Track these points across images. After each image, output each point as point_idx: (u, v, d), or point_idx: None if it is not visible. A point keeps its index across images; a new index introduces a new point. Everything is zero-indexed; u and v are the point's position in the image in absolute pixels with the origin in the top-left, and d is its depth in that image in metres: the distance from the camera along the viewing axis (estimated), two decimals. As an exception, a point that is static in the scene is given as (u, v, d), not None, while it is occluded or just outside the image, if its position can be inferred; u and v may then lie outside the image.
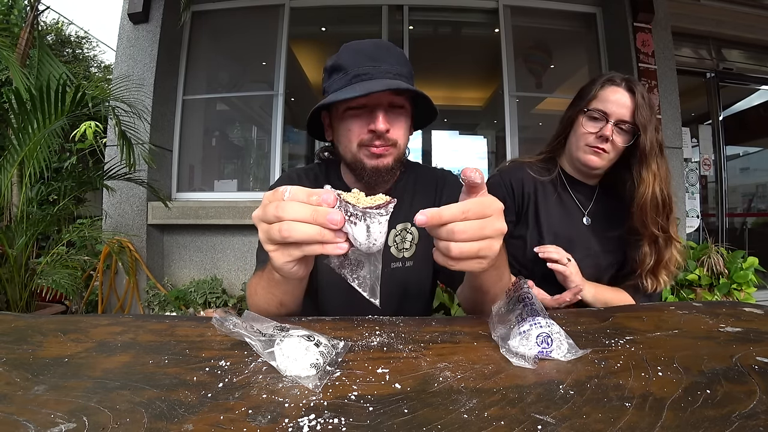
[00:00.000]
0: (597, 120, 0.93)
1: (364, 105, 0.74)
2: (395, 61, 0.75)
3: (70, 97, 1.83)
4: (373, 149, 0.75)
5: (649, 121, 0.89)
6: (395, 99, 0.75)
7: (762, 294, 2.80)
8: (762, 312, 0.65)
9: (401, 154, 0.79)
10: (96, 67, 6.15)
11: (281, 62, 3.24)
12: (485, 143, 4.04)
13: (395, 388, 0.39)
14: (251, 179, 3.49)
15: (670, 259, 0.92)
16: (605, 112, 0.92)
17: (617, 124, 0.91)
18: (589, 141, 0.93)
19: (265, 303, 0.65)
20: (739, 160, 4.61)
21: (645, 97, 0.91)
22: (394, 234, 0.85)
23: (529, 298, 0.54)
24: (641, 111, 0.89)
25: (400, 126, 0.77)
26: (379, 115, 0.72)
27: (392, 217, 0.83)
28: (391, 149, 0.76)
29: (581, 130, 0.95)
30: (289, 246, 0.46)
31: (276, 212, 0.44)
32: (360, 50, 0.75)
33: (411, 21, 3.36)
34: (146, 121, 2.70)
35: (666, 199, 0.91)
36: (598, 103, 0.93)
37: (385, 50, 0.76)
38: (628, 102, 0.90)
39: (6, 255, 1.94)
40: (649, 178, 0.90)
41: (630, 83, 0.92)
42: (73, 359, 0.45)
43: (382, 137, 0.74)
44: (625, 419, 0.32)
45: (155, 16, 3.00)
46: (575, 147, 0.97)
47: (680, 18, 3.36)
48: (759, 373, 0.41)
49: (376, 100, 0.73)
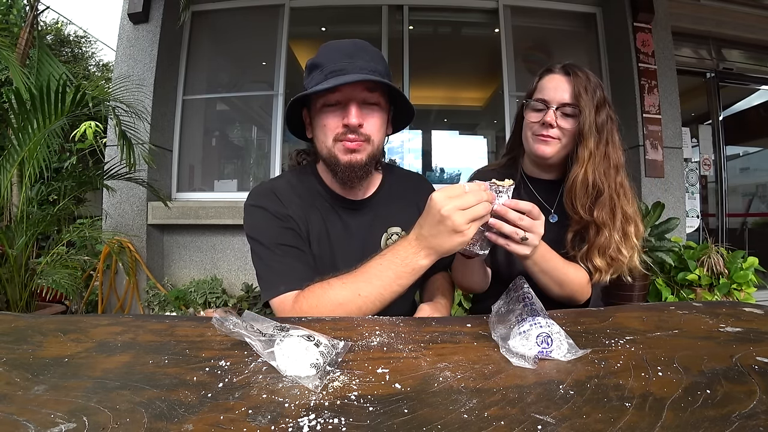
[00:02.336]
0: (539, 110, 0.92)
1: (339, 101, 0.76)
2: (370, 59, 0.77)
3: (70, 97, 1.83)
4: (346, 143, 0.77)
5: (588, 102, 0.87)
6: (369, 96, 0.77)
7: (762, 294, 2.80)
8: (762, 312, 0.65)
9: (375, 151, 0.80)
10: (95, 66, 6.14)
11: (281, 62, 3.24)
12: (485, 143, 4.03)
13: (395, 388, 0.39)
14: (251, 179, 3.49)
15: (607, 244, 0.86)
16: (544, 99, 0.91)
17: (559, 109, 0.89)
18: (534, 130, 0.92)
19: None
20: (739, 160, 4.61)
21: (590, 78, 0.89)
22: (385, 238, 0.87)
23: (529, 298, 0.55)
24: (582, 92, 0.87)
25: (373, 121, 0.78)
26: (352, 109, 0.74)
27: (381, 221, 0.88)
28: (365, 144, 0.78)
29: (527, 121, 0.95)
30: (476, 221, 0.62)
31: (474, 199, 0.61)
32: (337, 48, 0.78)
33: (411, 21, 3.36)
34: (146, 121, 2.70)
35: (599, 183, 0.87)
36: (538, 93, 0.93)
37: (361, 48, 0.78)
38: (566, 85, 0.89)
39: (6, 255, 1.94)
40: (584, 155, 0.87)
41: (567, 67, 0.91)
42: (73, 359, 0.45)
43: (355, 131, 0.76)
44: (625, 419, 0.32)
45: (155, 16, 2.99)
46: (525, 140, 0.96)
47: (680, 18, 3.36)
48: (759, 373, 0.41)
49: (349, 95, 0.75)
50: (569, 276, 0.84)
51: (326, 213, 0.86)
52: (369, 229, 0.87)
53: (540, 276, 0.82)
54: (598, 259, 0.86)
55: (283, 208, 0.82)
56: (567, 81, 0.90)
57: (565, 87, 0.90)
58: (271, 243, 0.79)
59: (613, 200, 0.88)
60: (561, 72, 0.92)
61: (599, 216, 0.86)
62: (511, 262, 0.97)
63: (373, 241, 0.87)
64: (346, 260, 0.79)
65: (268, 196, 0.84)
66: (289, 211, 0.82)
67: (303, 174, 0.90)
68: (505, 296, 0.60)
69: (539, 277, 0.82)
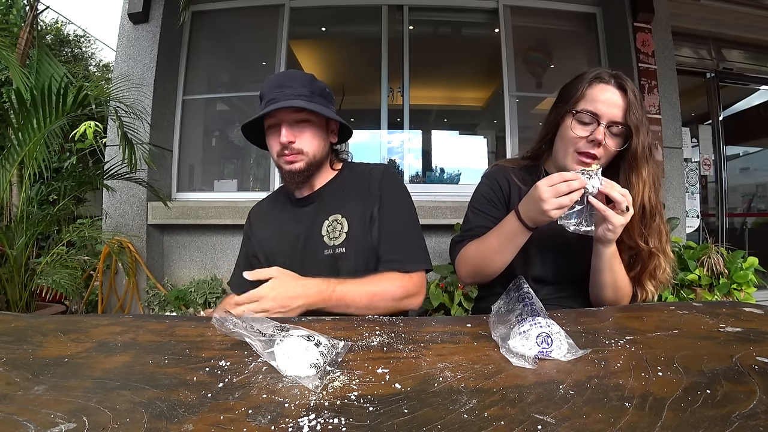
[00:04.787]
0: (586, 123, 0.84)
1: (275, 124, 0.91)
2: (299, 85, 0.91)
3: (71, 98, 1.83)
4: (285, 157, 0.92)
5: (641, 122, 0.81)
6: (297, 115, 0.90)
7: (762, 294, 2.80)
8: (762, 312, 0.65)
9: (312, 159, 0.94)
10: (95, 66, 6.14)
11: (281, 62, 3.24)
12: (485, 143, 4.03)
13: (395, 388, 0.39)
14: (251, 179, 3.49)
15: (657, 267, 0.85)
16: (595, 113, 0.82)
17: (609, 127, 0.82)
18: (578, 146, 0.84)
19: None
20: (739, 160, 4.61)
21: (636, 95, 0.83)
22: (326, 225, 0.94)
23: (529, 298, 0.55)
24: (634, 110, 0.80)
25: (304, 137, 0.92)
26: (282, 130, 0.89)
27: (324, 210, 0.97)
28: (299, 156, 0.92)
29: (569, 134, 0.85)
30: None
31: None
32: (272, 81, 0.92)
33: (411, 21, 3.36)
34: (146, 121, 2.70)
35: (653, 209, 0.84)
36: (586, 103, 0.84)
37: (290, 78, 0.93)
38: (620, 101, 0.82)
39: (6, 255, 1.94)
40: (639, 185, 0.82)
41: (620, 80, 0.84)
42: (73, 359, 0.45)
43: (288, 147, 0.91)
44: (625, 419, 0.32)
45: (155, 16, 2.99)
46: (563, 153, 0.88)
47: (680, 18, 3.36)
48: (759, 373, 0.41)
49: (280, 119, 0.90)
50: (625, 283, 0.85)
51: (285, 212, 1.03)
52: (313, 218, 0.97)
53: (606, 273, 0.83)
54: (650, 283, 0.86)
55: (248, 226, 1.08)
56: (621, 96, 0.82)
57: (619, 103, 0.82)
58: (240, 255, 1.09)
59: (662, 224, 0.85)
60: (615, 84, 0.83)
61: (654, 244, 0.84)
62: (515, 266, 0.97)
63: (315, 228, 0.95)
64: (288, 245, 0.96)
65: (249, 213, 1.10)
66: (252, 229, 1.06)
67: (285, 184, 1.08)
68: (505, 296, 0.60)
69: (605, 274, 0.83)
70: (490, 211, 0.96)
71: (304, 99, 0.89)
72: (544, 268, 0.93)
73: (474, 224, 0.96)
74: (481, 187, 1.01)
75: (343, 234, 0.92)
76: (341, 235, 0.92)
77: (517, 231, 0.81)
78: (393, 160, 3.44)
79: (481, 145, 4.11)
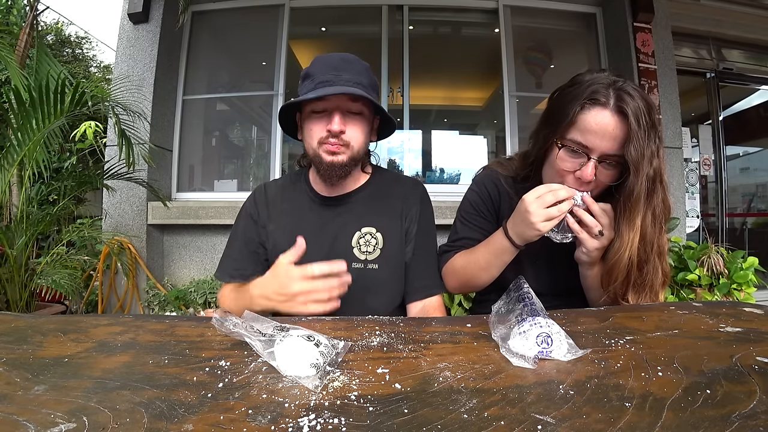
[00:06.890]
0: (575, 154, 0.73)
1: (324, 109, 0.84)
2: (356, 72, 0.85)
3: (69, 97, 1.83)
4: (328, 146, 0.84)
5: (642, 156, 0.67)
6: (352, 105, 0.84)
7: (762, 294, 2.80)
8: (762, 312, 0.65)
9: (355, 155, 0.88)
10: (96, 67, 6.14)
11: (281, 62, 3.24)
12: (485, 143, 4.03)
13: (395, 388, 0.39)
14: (251, 179, 3.49)
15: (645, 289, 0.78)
16: (585, 146, 0.71)
17: (602, 161, 0.71)
18: (567, 180, 0.75)
19: None
20: (739, 160, 4.61)
21: (642, 120, 0.67)
22: (358, 236, 0.89)
23: (529, 298, 0.54)
24: (635, 142, 0.66)
25: (354, 129, 0.86)
26: (335, 117, 0.82)
27: (355, 220, 0.91)
28: (344, 149, 0.85)
29: (557, 165, 0.75)
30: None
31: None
32: (327, 61, 0.85)
33: (411, 21, 3.36)
34: (146, 121, 2.70)
35: (641, 261, 0.72)
36: (576, 132, 0.72)
37: (348, 62, 0.86)
38: (617, 130, 0.68)
39: (6, 255, 1.94)
40: (628, 235, 0.71)
41: (621, 102, 0.68)
42: (73, 359, 0.45)
43: (337, 137, 0.84)
44: (625, 419, 0.32)
45: (155, 16, 2.99)
46: (550, 182, 0.78)
47: (680, 18, 3.36)
48: (759, 373, 0.41)
49: (334, 104, 0.83)
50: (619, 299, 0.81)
51: (304, 210, 0.94)
52: (342, 225, 0.90)
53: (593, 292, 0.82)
54: (632, 296, 0.77)
55: (253, 208, 0.96)
56: (618, 124, 0.68)
57: (616, 133, 0.69)
58: (233, 233, 0.96)
59: (656, 274, 0.76)
60: (613, 109, 0.69)
61: (636, 300, 0.75)
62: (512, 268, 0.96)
63: (344, 237, 0.89)
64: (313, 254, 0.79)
65: (253, 194, 0.99)
66: (258, 210, 0.95)
67: (297, 174, 1.00)
68: (505, 296, 0.60)
69: (592, 292, 0.82)
70: (478, 222, 0.94)
71: (361, 88, 0.83)
72: (538, 281, 0.87)
73: (462, 235, 0.95)
74: (470, 195, 0.98)
75: (377, 250, 0.89)
76: (375, 251, 0.88)
77: (505, 248, 0.80)
78: (393, 160, 3.44)
79: (481, 145, 4.11)
